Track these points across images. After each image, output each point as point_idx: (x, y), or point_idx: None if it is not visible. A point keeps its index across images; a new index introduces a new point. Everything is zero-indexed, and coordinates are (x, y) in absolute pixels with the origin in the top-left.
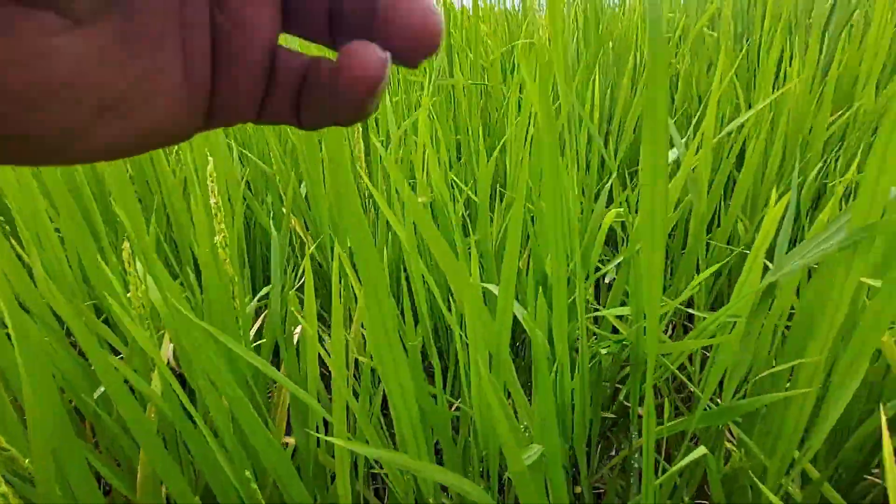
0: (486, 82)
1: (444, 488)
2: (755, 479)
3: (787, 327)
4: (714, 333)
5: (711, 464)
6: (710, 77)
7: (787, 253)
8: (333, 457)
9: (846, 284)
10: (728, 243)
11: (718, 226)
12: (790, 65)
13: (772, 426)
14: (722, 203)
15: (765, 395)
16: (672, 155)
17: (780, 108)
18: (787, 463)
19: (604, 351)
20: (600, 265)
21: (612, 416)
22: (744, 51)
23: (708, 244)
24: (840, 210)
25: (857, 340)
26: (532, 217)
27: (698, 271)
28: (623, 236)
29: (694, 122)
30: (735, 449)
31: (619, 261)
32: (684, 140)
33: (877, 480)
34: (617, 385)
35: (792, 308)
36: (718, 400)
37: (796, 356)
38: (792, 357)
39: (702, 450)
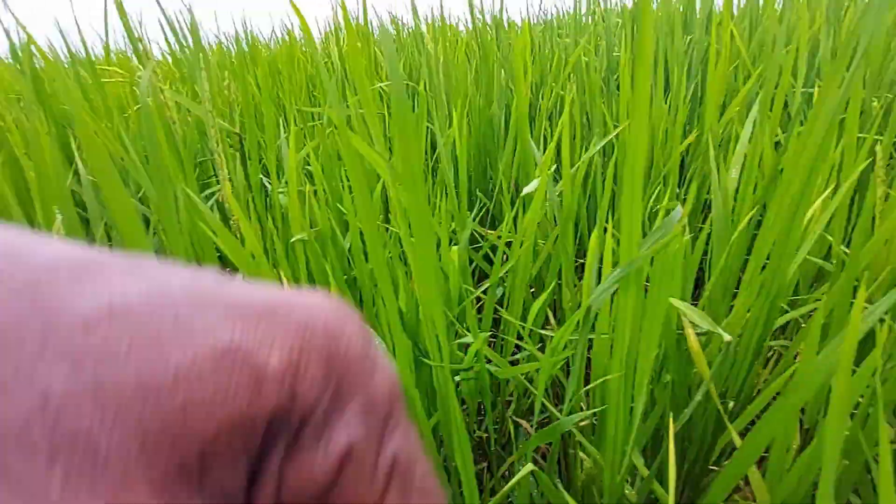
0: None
1: None
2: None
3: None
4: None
5: (542, 478)
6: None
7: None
8: None
9: (628, 307)
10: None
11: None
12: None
13: (603, 433)
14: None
15: (574, 415)
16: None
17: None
18: (619, 462)
19: (457, 378)
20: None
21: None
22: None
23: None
24: None
25: (642, 356)
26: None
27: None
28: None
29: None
30: (586, 457)
31: (484, 288)
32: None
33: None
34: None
35: None
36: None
37: (607, 372)
38: (607, 372)
39: (529, 466)
